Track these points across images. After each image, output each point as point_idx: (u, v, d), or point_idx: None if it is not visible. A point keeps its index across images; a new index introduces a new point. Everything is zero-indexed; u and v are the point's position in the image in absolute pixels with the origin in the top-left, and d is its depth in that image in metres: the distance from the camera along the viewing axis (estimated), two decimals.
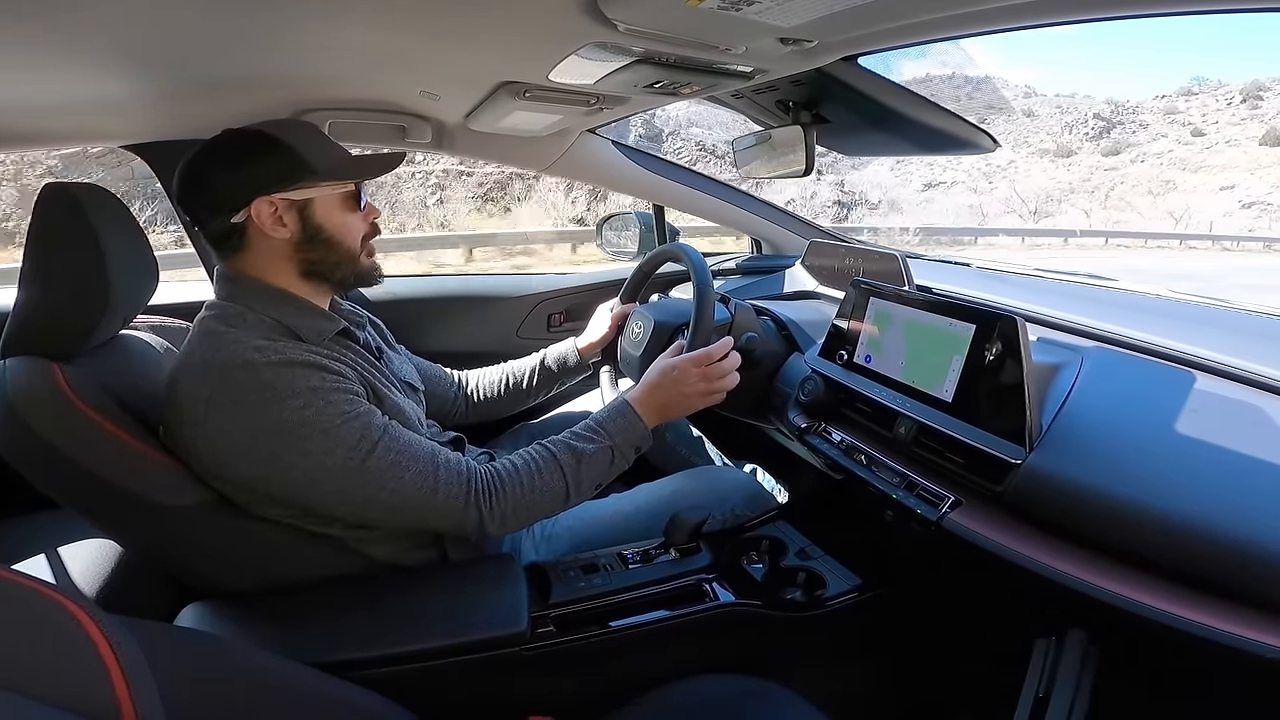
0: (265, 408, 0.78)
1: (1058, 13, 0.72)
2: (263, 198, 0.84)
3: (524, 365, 1.35)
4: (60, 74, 0.89)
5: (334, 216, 0.90)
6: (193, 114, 1.18)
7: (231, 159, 0.85)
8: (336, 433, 0.80)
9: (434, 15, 0.77)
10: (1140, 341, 0.92)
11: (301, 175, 0.86)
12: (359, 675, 0.72)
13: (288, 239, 0.87)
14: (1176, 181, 23.20)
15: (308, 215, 0.88)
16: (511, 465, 0.91)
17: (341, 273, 0.92)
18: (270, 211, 0.85)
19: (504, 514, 0.88)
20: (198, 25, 0.76)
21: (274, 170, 0.85)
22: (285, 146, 0.86)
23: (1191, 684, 0.81)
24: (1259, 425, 0.72)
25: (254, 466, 0.80)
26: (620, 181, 1.73)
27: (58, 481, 0.81)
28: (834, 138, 1.33)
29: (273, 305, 0.87)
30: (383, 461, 0.82)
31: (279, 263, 0.89)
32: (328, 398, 0.80)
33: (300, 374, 0.80)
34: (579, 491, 0.94)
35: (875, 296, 1.03)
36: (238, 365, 0.78)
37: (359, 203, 0.93)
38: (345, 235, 0.91)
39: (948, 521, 0.82)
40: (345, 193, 0.91)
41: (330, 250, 0.90)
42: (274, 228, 0.86)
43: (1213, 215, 19.97)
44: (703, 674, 0.87)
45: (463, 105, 1.21)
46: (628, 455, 0.98)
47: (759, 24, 0.74)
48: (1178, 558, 0.65)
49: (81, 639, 0.41)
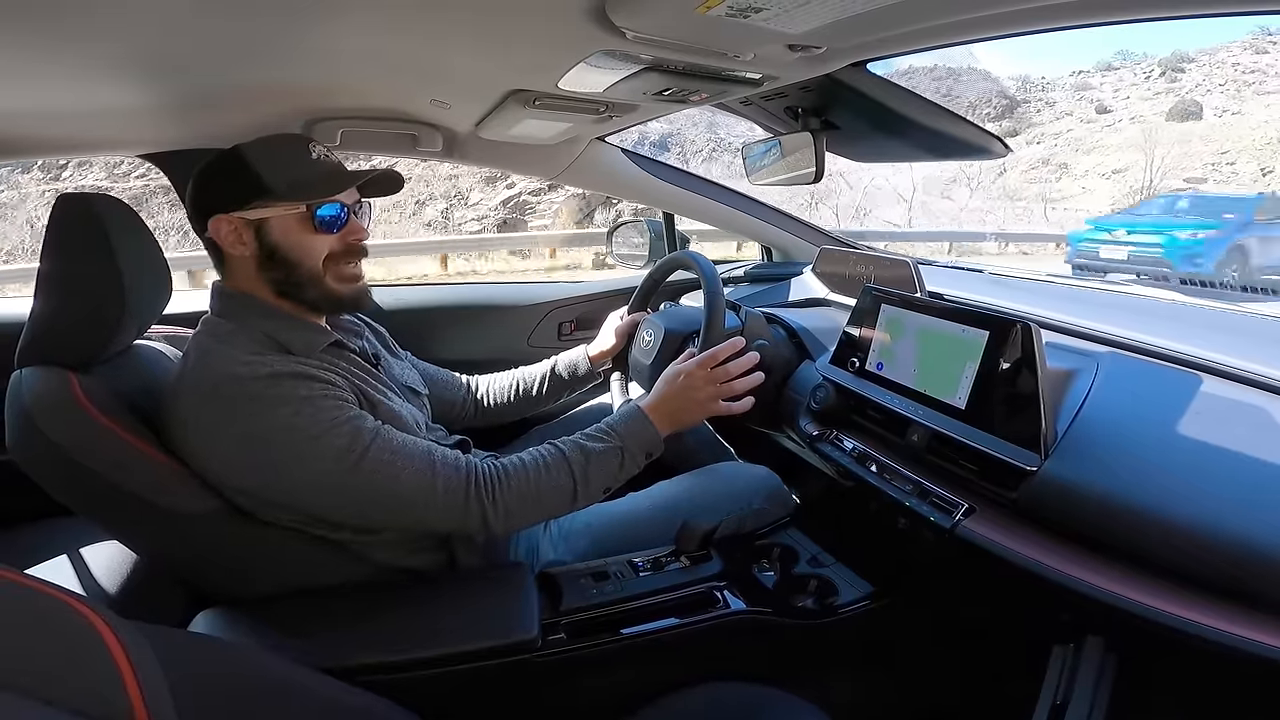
0: (254, 419, 0.79)
1: (1064, 18, 0.72)
2: (220, 216, 0.86)
3: (535, 372, 1.35)
4: (74, 82, 0.90)
5: (291, 236, 0.88)
6: (206, 123, 1.19)
7: (202, 178, 0.89)
8: (327, 438, 0.80)
9: (444, 24, 0.78)
10: (1155, 346, 0.91)
11: (256, 195, 0.86)
12: (370, 681, 0.72)
13: (249, 257, 0.88)
14: (1070, 165, 20.84)
15: (264, 234, 0.88)
16: (518, 460, 0.91)
17: (310, 294, 0.90)
18: (229, 229, 0.87)
19: (508, 509, 0.87)
20: (210, 33, 0.77)
21: (228, 190, 0.87)
22: (248, 167, 0.86)
23: (1212, 693, 0.79)
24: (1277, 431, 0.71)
25: (251, 475, 0.81)
26: (630, 189, 1.73)
27: (73, 489, 0.82)
28: (844, 144, 1.33)
29: (263, 320, 0.88)
30: (377, 463, 0.82)
31: (254, 280, 0.90)
32: (316, 404, 0.81)
33: (288, 385, 0.81)
34: (587, 491, 0.93)
35: (887, 303, 1.03)
36: (225, 379, 0.80)
37: (326, 222, 0.89)
38: (304, 255, 0.89)
39: (961, 529, 0.81)
40: (300, 213, 0.88)
41: (290, 270, 0.89)
42: (234, 245, 0.88)
43: (1099, 205, 17.29)
44: (713, 681, 0.86)
45: (473, 114, 1.22)
46: (638, 459, 0.97)
47: (767, 31, 0.74)
48: (1197, 564, 0.64)
49: (96, 644, 0.41)
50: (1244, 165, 18.37)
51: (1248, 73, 22.84)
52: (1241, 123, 20.36)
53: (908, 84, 1.11)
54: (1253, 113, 20.83)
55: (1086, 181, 19.66)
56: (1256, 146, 18.59)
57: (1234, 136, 19.51)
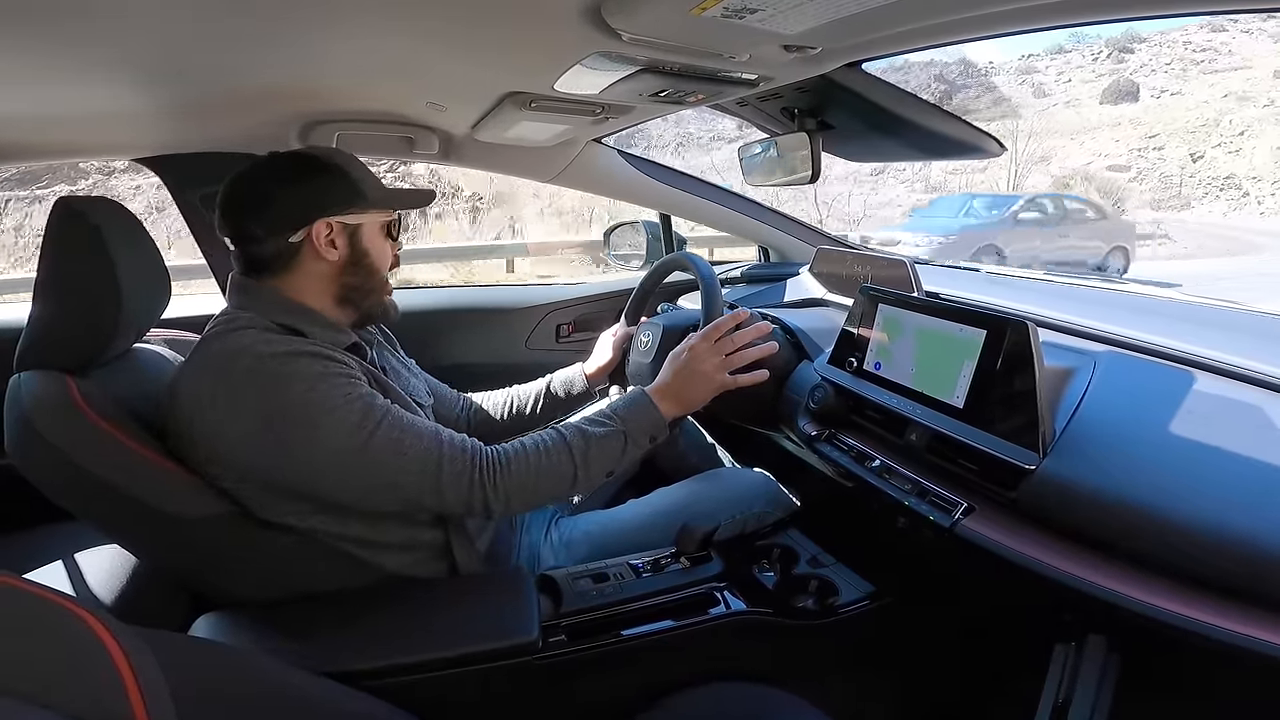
0: (269, 393, 0.78)
1: (1058, 17, 0.73)
2: (322, 219, 0.87)
3: (529, 390, 1.31)
4: (69, 87, 0.90)
5: (376, 243, 0.93)
6: (202, 126, 1.19)
7: (292, 178, 0.88)
8: (340, 413, 0.80)
9: (440, 26, 0.78)
10: (1153, 344, 0.91)
11: (357, 199, 0.89)
12: (371, 685, 0.72)
13: (335, 262, 0.89)
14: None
15: (357, 240, 0.90)
16: (519, 444, 0.91)
17: (371, 301, 0.95)
18: (326, 234, 0.87)
19: (508, 492, 0.87)
20: (207, 37, 0.78)
21: (335, 192, 0.88)
22: (340, 170, 0.89)
23: (1214, 691, 0.80)
24: (1276, 428, 0.71)
25: (260, 455, 0.80)
26: (626, 190, 1.73)
27: (72, 493, 0.82)
28: (840, 144, 1.33)
29: (286, 315, 0.88)
30: (386, 439, 0.81)
31: (321, 285, 0.90)
32: (331, 381, 0.81)
33: (304, 362, 0.81)
34: (588, 475, 0.92)
35: (884, 303, 1.03)
36: (242, 354, 0.80)
37: (393, 234, 0.96)
38: (383, 263, 0.95)
39: (961, 528, 0.81)
40: (388, 221, 0.94)
41: (369, 276, 0.93)
42: (327, 250, 0.88)
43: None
44: (714, 682, 0.86)
45: (469, 116, 1.22)
46: (640, 443, 0.96)
47: (762, 31, 0.74)
48: (1197, 562, 0.64)
49: (96, 649, 0.41)
50: (1173, 150, 17.27)
51: (1198, 51, 21.28)
52: (1178, 104, 19.14)
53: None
54: (1193, 93, 19.44)
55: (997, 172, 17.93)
56: (1190, 129, 17.54)
57: (1166, 119, 18.31)
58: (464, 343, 1.77)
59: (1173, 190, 16.77)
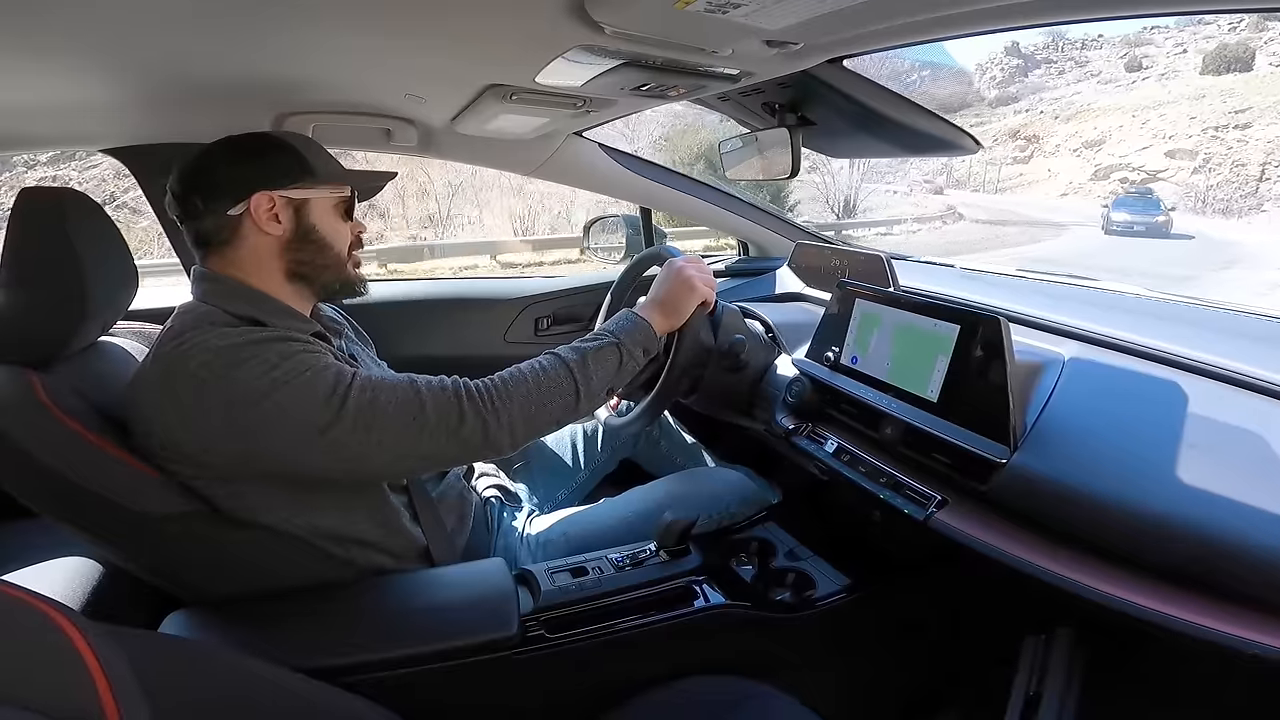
0: (234, 380, 0.77)
1: (1042, 14, 0.74)
2: (262, 192, 0.86)
3: None
4: (35, 77, 0.88)
5: (327, 220, 0.93)
6: (173, 117, 1.16)
7: (237, 154, 0.88)
8: (308, 385, 0.79)
9: (419, 18, 0.77)
10: (1122, 341, 0.93)
11: (302, 175, 0.89)
12: (347, 681, 0.71)
13: (279, 237, 0.89)
14: (1043, 141, 16.11)
15: (303, 215, 0.90)
16: (515, 370, 0.91)
17: (327, 277, 0.94)
18: (268, 207, 0.87)
19: (512, 419, 0.86)
20: (176, 27, 0.76)
21: (277, 166, 0.88)
22: (290, 148, 0.90)
23: (1178, 681, 0.82)
24: (1240, 422, 0.73)
25: (234, 440, 0.78)
26: (607, 184, 1.73)
27: (36, 491, 0.79)
28: (820, 140, 1.34)
29: (248, 305, 0.86)
30: (361, 400, 0.80)
31: (266, 261, 0.89)
32: (296, 358, 0.80)
33: (267, 346, 0.80)
34: (589, 393, 0.93)
35: (861, 298, 1.04)
36: (204, 351, 0.78)
37: (348, 212, 0.96)
38: (335, 240, 0.94)
39: (935, 521, 0.83)
40: (340, 199, 0.94)
41: (319, 252, 0.92)
42: (268, 223, 0.88)
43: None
44: (693, 675, 0.87)
45: (449, 108, 1.21)
46: (636, 356, 0.98)
47: (745, 26, 0.74)
48: (1160, 554, 0.66)
49: (65, 648, 0.40)
50: (1260, 130, 13.53)
51: None
52: None
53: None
54: None
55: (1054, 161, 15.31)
56: None
57: (1269, 92, 14.62)
58: (442, 335, 1.75)
59: (1246, 186, 13.19)
